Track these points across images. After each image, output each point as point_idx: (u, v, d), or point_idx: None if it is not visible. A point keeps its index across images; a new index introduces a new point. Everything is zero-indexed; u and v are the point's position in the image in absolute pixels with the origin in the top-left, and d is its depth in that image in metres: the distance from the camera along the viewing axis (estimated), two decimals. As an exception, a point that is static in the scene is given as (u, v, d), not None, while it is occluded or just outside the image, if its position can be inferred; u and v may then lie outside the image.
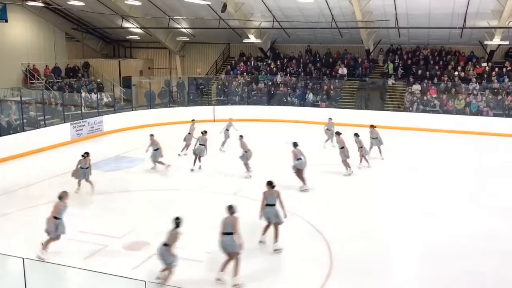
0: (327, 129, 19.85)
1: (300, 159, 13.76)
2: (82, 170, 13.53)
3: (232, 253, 8.71)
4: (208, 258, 9.58)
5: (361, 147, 16.37)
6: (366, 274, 9.05)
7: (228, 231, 8.83)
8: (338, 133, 16.16)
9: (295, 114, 25.53)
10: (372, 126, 17.62)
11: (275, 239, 10.15)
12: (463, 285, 8.74)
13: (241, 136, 15.74)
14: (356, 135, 16.35)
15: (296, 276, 9.05)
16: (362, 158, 16.58)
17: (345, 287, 8.66)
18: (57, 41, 30.53)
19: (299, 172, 13.93)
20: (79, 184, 13.62)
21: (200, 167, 16.16)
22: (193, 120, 19.40)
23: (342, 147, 15.63)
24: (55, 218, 9.54)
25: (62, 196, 9.85)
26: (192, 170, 16.00)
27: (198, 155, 16.16)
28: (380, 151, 17.62)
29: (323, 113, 23.45)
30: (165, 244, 8.48)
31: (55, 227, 9.47)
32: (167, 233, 8.52)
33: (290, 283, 8.77)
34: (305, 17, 25.80)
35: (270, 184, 10.45)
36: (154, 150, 15.89)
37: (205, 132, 16.55)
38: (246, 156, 15.31)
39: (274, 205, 10.27)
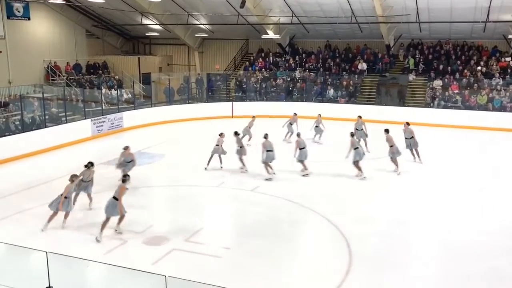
0: (316, 126, 19.65)
1: (304, 148, 14.84)
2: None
3: (109, 217, 10.32)
4: (226, 254, 9.59)
5: (391, 146, 15.40)
6: (386, 271, 8.96)
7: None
8: (386, 131, 15.54)
9: (314, 110, 25.31)
10: (407, 124, 16.68)
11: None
12: (483, 282, 8.59)
13: (235, 133, 15.91)
14: (386, 131, 15.67)
15: (315, 272, 9.00)
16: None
17: (365, 284, 8.58)
18: (77, 38, 30.90)
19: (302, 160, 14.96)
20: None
21: (221, 167, 15.93)
22: (253, 116, 19.96)
23: (392, 145, 15.19)
24: (65, 197, 10.90)
25: (73, 179, 11.20)
26: (205, 169, 15.81)
27: (215, 154, 15.94)
28: (416, 153, 16.76)
29: (343, 109, 23.28)
30: (114, 198, 10.33)
31: (67, 204, 10.94)
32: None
33: (309, 280, 8.73)
34: (324, 12, 25.59)
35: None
36: (127, 162, 14.65)
37: (222, 133, 16.23)
38: (240, 151, 15.51)
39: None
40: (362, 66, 28.04)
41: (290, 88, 27.78)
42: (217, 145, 15.99)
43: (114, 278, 6.35)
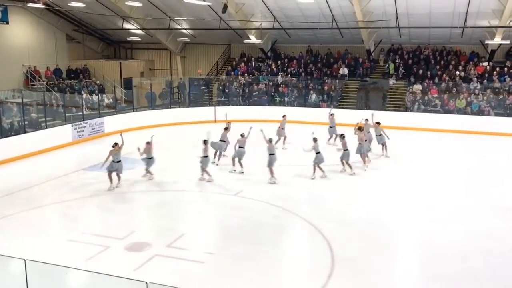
0: (281, 128, 19.71)
1: (273, 154, 14.80)
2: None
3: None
4: (209, 259, 9.57)
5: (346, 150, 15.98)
6: (367, 274, 9.04)
7: None
8: (342, 136, 16.18)
9: (297, 115, 25.46)
10: (377, 123, 17.83)
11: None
12: (462, 284, 8.73)
13: (204, 141, 15.31)
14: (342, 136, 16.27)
15: (298, 276, 9.05)
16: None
17: (347, 287, 8.64)
18: (58, 42, 30.56)
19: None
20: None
21: (217, 164, 16.68)
22: (284, 115, 20.16)
23: (346, 149, 15.70)
24: (113, 161, 13.81)
25: (113, 146, 14.10)
26: (213, 163, 16.56)
27: (217, 149, 16.86)
28: (385, 148, 17.93)
29: (324, 113, 23.36)
30: None
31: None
32: None
33: (291, 284, 8.76)
34: (305, 17, 25.80)
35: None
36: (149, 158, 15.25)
37: (226, 128, 17.35)
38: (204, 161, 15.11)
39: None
40: (343, 71, 28.31)
41: (272, 93, 27.89)
42: (222, 141, 16.17)
43: (96, 285, 6.28)
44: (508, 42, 24.44)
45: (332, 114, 20.36)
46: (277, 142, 18.97)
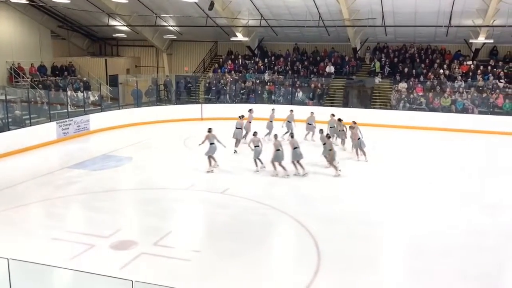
0: (270, 121, 20.33)
1: (279, 150, 14.94)
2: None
3: None
4: (196, 257, 9.56)
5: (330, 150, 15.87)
6: (353, 271, 9.11)
7: None
8: (328, 136, 16.32)
9: (284, 113, 25.47)
10: (354, 123, 17.60)
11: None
12: (447, 280, 8.84)
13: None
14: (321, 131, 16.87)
15: (284, 273, 9.08)
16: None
17: (333, 284, 8.70)
18: (42, 39, 30.17)
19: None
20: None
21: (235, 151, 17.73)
22: (291, 110, 21.13)
23: (325, 143, 15.93)
24: (211, 144, 15.08)
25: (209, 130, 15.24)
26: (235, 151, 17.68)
27: (237, 138, 18.08)
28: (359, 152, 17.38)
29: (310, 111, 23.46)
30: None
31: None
32: None
33: (278, 281, 8.80)
34: (292, 15, 25.84)
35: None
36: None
37: (242, 116, 18.60)
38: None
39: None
40: (330, 69, 28.43)
41: (259, 91, 27.92)
42: (238, 128, 17.43)
43: (81, 284, 6.24)
44: (491, 41, 24.76)
45: (312, 112, 20.68)
46: (266, 135, 19.32)
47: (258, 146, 15.60)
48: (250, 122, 19.57)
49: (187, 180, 14.77)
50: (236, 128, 18.42)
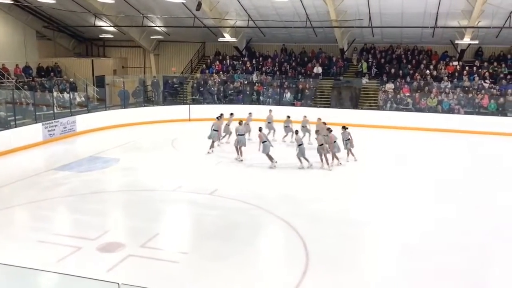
0: (268, 122, 20.48)
1: (265, 141, 15.89)
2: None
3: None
4: (184, 259, 9.51)
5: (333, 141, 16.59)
6: (342, 271, 9.13)
7: None
8: (317, 131, 16.69)
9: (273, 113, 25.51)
10: (344, 128, 17.43)
11: None
12: (434, 279, 8.91)
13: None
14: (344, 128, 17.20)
15: (273, 274, 9.07)
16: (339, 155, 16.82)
17: (322, 284, 8.71)
18: (27, 39, 29.84)
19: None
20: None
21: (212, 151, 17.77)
22: (270, 110, 21.55)
23: (301, 144, 16.17)
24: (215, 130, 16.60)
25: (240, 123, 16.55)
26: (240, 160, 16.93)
27: (213, 139, 18.04)
28: (350, 153, 17.42)
29: (298, 112, 23.52)
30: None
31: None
32: None
33: (266, 282, 8.79)
34: (280, 16, 25.88)
35: None
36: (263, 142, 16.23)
37: (221, 115, 18.80)
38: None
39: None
40: (318, 69, 28.53)
41: (248, 92, 27.91)
42: (215, 130, 17.81)
43: (65, 287, 6.16)
44: (476, 42, 25.05)
45: (288, 116, 20.67)
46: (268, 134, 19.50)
47: (265, 141, 16.13)
48: (248, 124, 19.64)
49: (174, 181, 14.69)
50: (213, 129, 18.28)
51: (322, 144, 15.87)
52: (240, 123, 17.67)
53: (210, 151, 18.04)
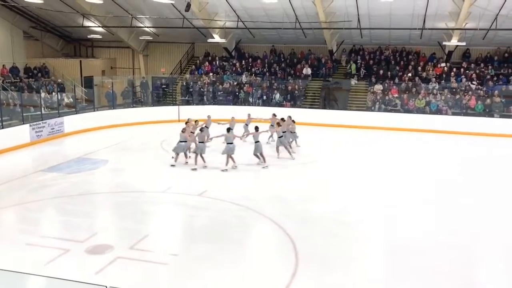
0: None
1: (231, 143, 15.76)
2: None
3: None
4: (173, 261, 9.48)
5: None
6: (332, 271, 9.17)
7: None
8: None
9: (261, 114, 25.52)
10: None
11: None
12: (424, 278, 8.98)
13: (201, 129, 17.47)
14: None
15: (263, 275, 9.07)
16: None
17: (311, 285, 8.73)
18: (14, 40, 29.53)
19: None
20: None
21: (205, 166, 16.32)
22: (249, 114, 21.41)
23: (257, 141, 16.51)
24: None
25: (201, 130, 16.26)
26: (194, 169, 15.99)
27: (198, 153, 16.24)
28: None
29: (287, 113, 23.56)
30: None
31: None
32: None
33: (255, 283, 8.79)
34: (269, 17, 25.92)
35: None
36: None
37: (204, 128, 18.17)
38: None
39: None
40: (307, 71, 28.62)
41: (237, 92, 27.91)
42: (182, 141, 16.57)
43: (54, 290, 6.10)
44: (464, 43, 25.31)
45: (249, 114, 21.23)
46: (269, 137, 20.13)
47: (258, 141, 16.18)
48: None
49: (164, 182, 14.65)
50: (180, 141, 16.46)
51: (281, 136, 16.62)
52: (201, 130, 17.30)
53: (174, 163, 16.55)
